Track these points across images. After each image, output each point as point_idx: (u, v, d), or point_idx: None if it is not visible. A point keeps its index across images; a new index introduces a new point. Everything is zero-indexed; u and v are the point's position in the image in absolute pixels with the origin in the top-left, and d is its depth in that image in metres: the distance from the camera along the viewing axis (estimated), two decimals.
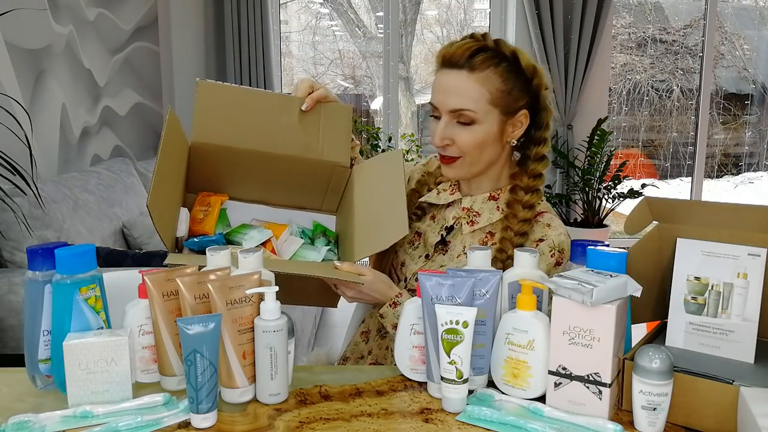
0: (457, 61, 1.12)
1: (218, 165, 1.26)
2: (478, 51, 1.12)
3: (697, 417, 0.83)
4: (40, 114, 2.62)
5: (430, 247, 1.24)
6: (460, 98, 1.12)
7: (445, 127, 1.15)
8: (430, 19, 5.23)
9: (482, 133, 1.14)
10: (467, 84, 1.12)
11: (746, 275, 0.92)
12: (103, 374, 0.88)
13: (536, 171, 1.19)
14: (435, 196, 1.27)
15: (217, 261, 1.01)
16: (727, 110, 5.38)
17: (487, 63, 1.12)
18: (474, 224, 1.20)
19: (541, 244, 1.16)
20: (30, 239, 2.15)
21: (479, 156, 1.16)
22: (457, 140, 1.14)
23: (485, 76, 1.11)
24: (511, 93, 1.13)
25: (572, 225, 4.29)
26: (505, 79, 1.12)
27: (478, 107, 1.12)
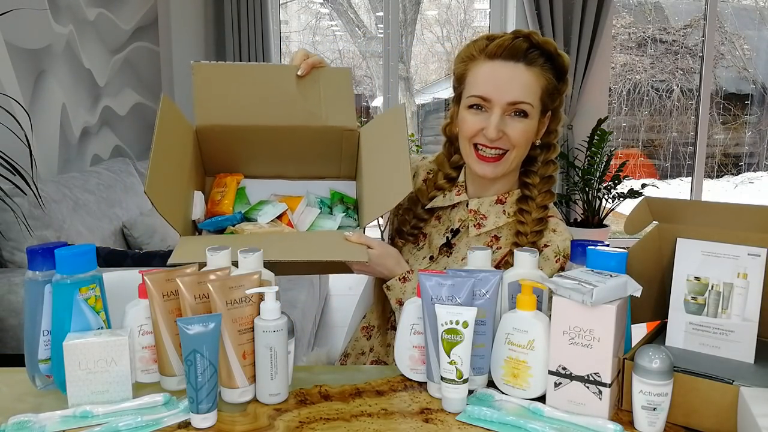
0: (515, 53, 1.11)
1: (228, 145, 1.25)
2: (533, 47, 1.12)
3: (697, 417, 0.83)
4: (40, 114, 2.62)
5: (435, 249, 1.23)
6: (522, 90, 1.12)
7: (500, 121, 1.12)
8: (430, 19, 5.24)
9: (531, 128, 1.15)
10: (527, 77, 1.12)
11: (746, 275, 0.92)
12: (103, 374, 0.88)
13: (547, 173, 1.21)
14: (441, 199, 1.26)
15: (217, 261, 1.01)
16: (727, 110, 5.38)
17: (541, 60, 1.13)
18: (480, 227, 1.20)
19: (546, 249, 1.16)
20: (30, 239, 2.15)
21: (524, 151, 1.17)
22: (510, 133, 1.13)
23: (540, 72, 1.13)
24: (552, 94, 1.16)
25: (572, 225, 4.29)
26: (548, 80, 1.14)
27: (534, 100, 1.13)
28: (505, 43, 1.12)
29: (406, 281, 1.13)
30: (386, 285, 1.15)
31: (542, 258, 1.15)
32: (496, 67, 1.12)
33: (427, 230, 1.27)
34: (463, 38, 5.29)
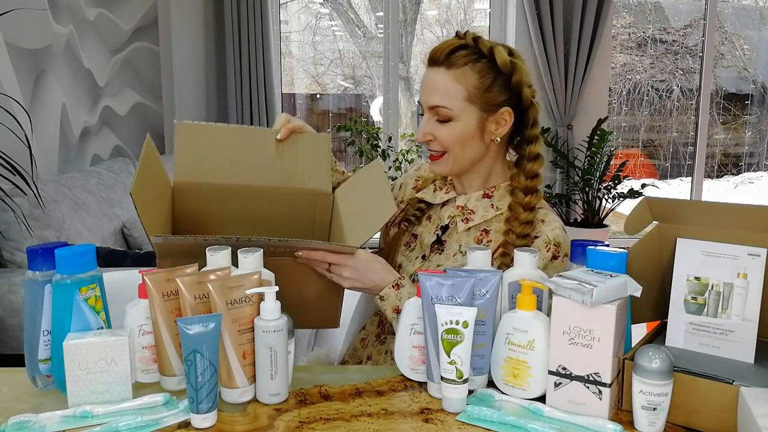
0: (437, 59, 1.14)
1: (203, 204, 1.25)
2: (457, 49, 1.13)
3: (697, 417, 0.83)
4: (40, 114, 2.62)
5: (426, 248, 1.24)
6: (437, 95, 1.14)
7: (426, 124, 1.17)
8: (430, 19, 5.23)
9: (460, 130, 1.15)
10: (444, 81, 1.14)
11: (746, 275, 0.92)
12: (103, 374, 0.88)
13: (533, 171, 1.19)
14: (431, 194, 1.28)
15: (217, 261, 1.01)
16: (727, 110, 5.38)
17: (465, 60, 1.13)
18: (469, 221, 1.21)
19: (537, 240, 1.16)
20: (30, 239, 2.15)
21: (462, 152, 1.17)
22: (437, 136, 1.16)
23: (462, 73, 1.13)
24: (490, 90, 1.14)
25: (572, 225, 4.29)
26: (483, 76, 1.13)
27: (454, 104, 1.13)
28: (433, 50, 1.16)
29: (400, 287, 1.12)
30: (380, 295, 1.12)
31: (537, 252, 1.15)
32: (426, 74, 1.18)
33: (418, 231, 1.28)
34: None
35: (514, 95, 1.15)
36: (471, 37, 1.14)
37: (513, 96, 1.15)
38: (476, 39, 1.14)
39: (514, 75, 1.14)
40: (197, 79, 4.26)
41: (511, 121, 1.17)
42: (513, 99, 1.16)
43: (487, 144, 1.18)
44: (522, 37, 4.31)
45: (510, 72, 1.13)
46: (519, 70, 1.14)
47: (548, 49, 4.20)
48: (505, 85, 1.14)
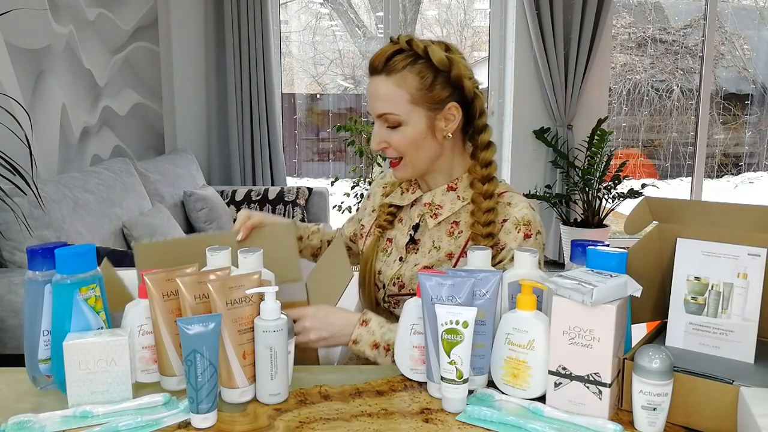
0: (376, 67, 1.16)
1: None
2: (394, 54, 1.15)
3: (697, 417, 0.83)
4: (40, 114, 2.62)
5: (402, 249, 1.27)
6: (383, 103, 1.16)
7: (378, 131, 1.19)
8: (430, 19, 5.23)
9: (411, 133, 1.16)
10: (386, 88, 1.15)
11: (746, 275, 0.92)
12: (103, 374, 0.88)
13: (486, 159, 1.21)
14: (399, 197, 1.30)
15: (217, 261, 1.01)
16: (727, 110, 5.38)
17: (402, 64, 1.14)
18: (437, 216, 1.23)
19: (506, 223, 1.18)
20: (30, 239, 2.15)
21: (417, 154, 1.19)
22: (391, 142, 1.18)
23: (401, 78, 1.14)
24: (432, 89, 1.15)
25: (572, 225, 4.29)
26: (423, 77, 1.14)
27: (400, 109, 1.15)
28: (372, 59, 1.17)
29: (367, 323, 1.12)
30: (352, 339, 1.10)
31: (504, 233, 1.18)
32: (369, 83, 1.19)
33: (392, 235, 1.30)
34: (463, 38, 5.29)
35: (457, 90, 1.17)
36: (404, 40, 1.16)
37: (456, 90, 1.17)
38: (409, 42, 1.15)
39: (453, 70, 1.15)
40: (197, 79, 4.26)
41: (459, 115, 1.18)
42: (457, 93, 1.18)
43: (441, 141, 1.20)
44: (522, 37, 4.31)
45: (448, 68, 1.15)
46: (456, 64, 1.16)
47: (548, 49, 4.20)
48: (446, 82, 1.16)
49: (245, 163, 4.25)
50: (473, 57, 5.23)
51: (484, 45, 4.78)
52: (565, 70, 4.26)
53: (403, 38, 1.16)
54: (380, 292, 1.29)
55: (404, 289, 1.24)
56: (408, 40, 1.15)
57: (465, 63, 1.18)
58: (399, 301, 1.26)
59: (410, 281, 1.23)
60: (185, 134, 4.32)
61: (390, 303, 1.28)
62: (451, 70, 1.15)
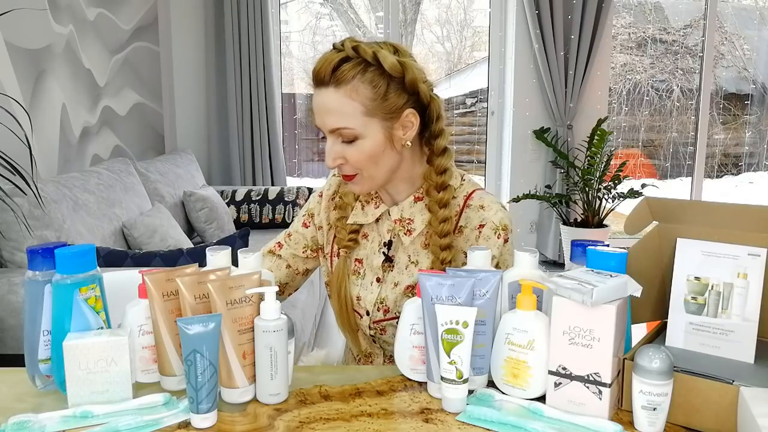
0: (323, 78, 1.07)
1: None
2: (340, 63, 1.06)
3: (697, 417, 0.83)
4: (40, 114, 2.62)
5: (377, 269, 1.20)
6: (335, 117, 1.07)
7: (332, 147, 1.10)
8: (430, 19, 5.23)
9: (369, 146, 1.08)
10: (337, 101, 1.06)
11: (746, 275, 0.92)
12: (103, 374, 0.88)
13: (442, 166, 1.14)
14: (361, 214, 1.21)
15: (217, 261, 1.01)
16: (727, 110, 5.38)
17: (352, 73, 1.06)
18: (411, 233, 1.16)
19: (483, 229, 1.14)
20: (30, 239, 2.15)
21: (375, 168, 1.11)
22: (348, 158, 1.10)
23: (352, 88, 1.06)
24: (386, 97, 1.07)
25: (572, 225, 4.29)
26: (375, 85, 1.06)
27: (355, 123, 1.07)
28: (315, 69, 1.08)
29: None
30: None
31: (483, 239, 1.14)
32: (315, 95, 1.10)
33: (360, 255, 1.22)
34: (463, 38, 5.29)
35: (413, 95, 1.10)
36: (350, 46, 1.06)
37: (411, 96, 1.10)
38: (356, 48, 1.06)
39: (407, 75, 1.07)
40: (197, 79, 4.26)
41: (417, 122, 1.11)
42: (412, 99, 1.10)
43: (400, 150, 1.12)
44: (522, 37, 4.31)
45: (401, 73, 1.07)
46: (409, 68, 1.07)
47: (548, 49, 4.20)
48: (400, 88, 1.08)
49: (245, 163, 4.25)
50: (473, 57, 5.23)
51: (484, 45, 4.78)
52: (565, 70, 4.26)
53: (348, 44, 1.07)
54: (364, 319, 1.21)
55: (389, 313, 1.18)
56: (354, 46, 1.06)
57: (417, 66, 1.10)
58: (385, 327, 1.19)
59: (395, 304, 1.17)
60: (185, 134, 4.32)
61: (376, 330, 1.20)
62: (405, 75, 1.07)
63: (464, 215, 1.16)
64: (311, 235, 1.29)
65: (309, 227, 1.29)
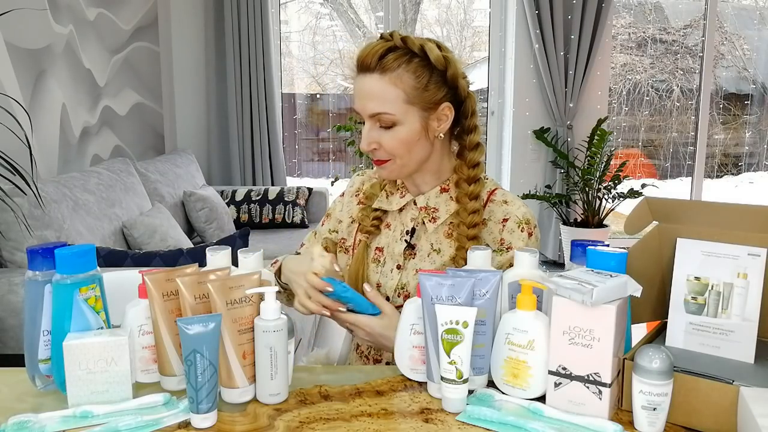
0: (368, 65, 1.11)
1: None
2: (387, 51, 1.10)
3: (697, 417, 0.83)
4: (40, 114, 2.62)
5: (399, 257, 1.22)
6: (376, 102, 1.11)
7: (369, 132, 1.14)
8: (430, 19, 5.23)
9: (405, 133, 1.12)
10: (381, 86, 1.10)
11: (746, 275, 0.92)
12: (103, 374, 0.88)
13: (474, 160, 1.18)
14: (386, 201, 1.25)
15: (217, 261, 1.01)
16: (727, 110, 5.38)
17: (398, 62, 1.10)
18: (436, 220, 1.20)
19: (507, 223, 1.16)
20: (30, 239, 2.15)
21: (409, 156, 1.15)
22: (383, 143, 1.13)
23: (397, 76, 1.10)
24: (427, 88, 1.12)
25: (572, 225, 4.29)
26: (419, 76, 1.11)
27: (395, 109, 1.11)
28: (362, 56, 1.12)
29: None
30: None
31: (508, 233, 1.16)
32: (359, 81, 1.14)
33: (381, 243, 1.25)
34: (463, 38, 5.29)
35: (452, 89, 1.14)
36: (399, 37, 1.11)
37: (450, 90, 1.14)
38: (404, 39, 1.11)
39: (449, 69, 1.12)
40: (197, 79, 4.26)
41: (452, 116, 1.16)
42: (451, 93, 1.14)
43: (432, 141, 1.17)
44: (522, 37, 4.31)
45: (444, 67, 1.12)
46: (453, 63, 1.13)
47: (548, 49, 4.20)
48: (441, 81, 1.13)
49: (245, 163, 4.25)
50: (473, 57, 5.23)
51: (484, 45, 4.78)
52: (565, 70, 4.26)
53: (397, 35, 1.12)
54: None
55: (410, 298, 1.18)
56: (403, 38, 1.11)
57: (459, 61, 1.15)
58: None
59: (415, 290, 1.18)
60: (185, 134, 4.32)
61: None
62: (448, 69, 1.12)
63: (488, 209, 1.20)
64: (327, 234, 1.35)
65: (325, 225, 1.37)
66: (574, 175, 4.21)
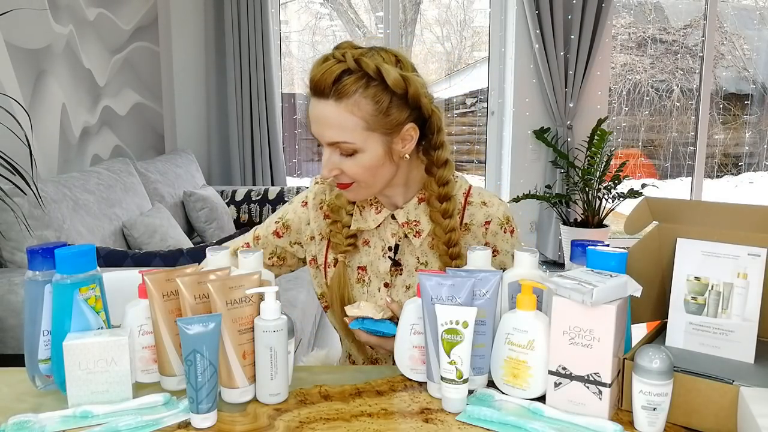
0: (323, 90, 1.03)
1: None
2: (342, 75, 1.02)
3: (697, 417, 0.83)
4: (40, 114, 2.62)
5: (385, 275, 1.18)
6: (334, 131, 1.04)
7: (329, 159, 1.08)
8: (430, 19, 5.23)
9: (368, 160, 1.06)
10: (338, 115, 1.03)
11: (746, 275, 0.92)
12: (103, 374, 0.88)
13: (444, 178, 1.13)
14: (361, 219, 1.19)
15: (217, 261, 1.01)
16: (727, 110, 5.38)
17: (354, 86, 1.02)
18: (420, 234, 1.16)
19: (490, 226, 1.15)
20: (30, 239, 2.15)
21: (374, 179, 1.10)
22: (345, 170, 1.08)
23: (354, 103, 1.03)
24: (388, 113, 1.05)
25: (572, 225, 4.29)
26: (378, 101, 1.03)
27: (355, 137, 1.04)
28: (314, 78, 1.03)
29: None
30: None
31: (491, 235, 1.15)
32: (313, 105, 1.06)
33: (363, 262, 1.20)
34: (463, 38, 5.29)
35: (414, 109, 1.08)
36: (352, 59, 1.02)
37: (413, 110, 1.08)
38: (358, 61, 1.02)
39: (409, 89, 1.04)
40: (197, 79, 4.26)
41: (416, 135, 1.10)
42: (414, 113, 1.08)
43: (398, 162, 1.11)
44: (522, 37, 4.31)
45: (404, 89, 1.04)
46: (412, 82, 1.04)
47: (548, 49, 4.20)
48: (402, 103, 1.06)
49: (245, 163, 4.25)
50: (473, 57, 5.23)
51: (484, 45, 4.78)
52: (565, 70, 4.26)
53: (350, 55, 1.02)
54: None
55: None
56: (356, 59, 1.02)
57: (420, 79, 1.07)
58: None
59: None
60: (185, 134, 4.32)
61: None
62: (408, 90, 1.04)
63: (467, 212, 1.17)
64: (282, 245, 1.27)
65: (282, 237, 1.26)
66: (574, 175, 4.21)
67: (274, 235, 1.27)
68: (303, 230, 1.25)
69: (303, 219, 1.25)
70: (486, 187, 4.75)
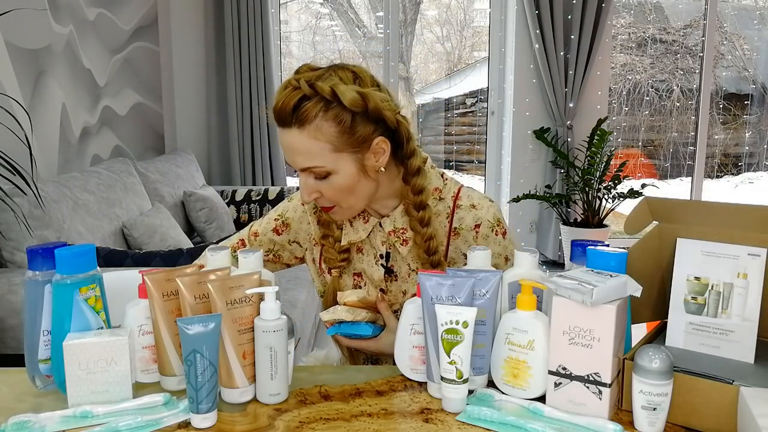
0: (284, 119, 1.04)
1: None
2: (300, 102, 1.03)
3: (697, 417, 0.83)
4: (40, 114, 2.62)
5: (380, 281, 1.20)
6: (303, 157, 1.06)
7: (306, 183, 1.09)
8: (430, 19, 5.23)
9: (342, 180, 1.07)
10: (303, 141, 1.04)
11: (746, 275, 0.92)
12: (103, 374, 0.88)
13: (419, 186, 1.13)
14: (352, 232, 1.20)
15: (217, 261, 1.01)
16: (727, 110, 5.38)
17: (314, 111, 1.02)
18: (407, 242, 1.17)
19: (480, 229, 1.15)
20: (30, 239, 2.15)
21: (354, 197, 1.11)
22: (323, 192, 1.09)
23: (316, 128, 1.03)
24: (353, 131, 1.05)
25: (572, 225, 4.29)
26: (340, 121, 1.03)
27: (324, 161, 1.05)
28: (276, 108, 1.05)
29: None
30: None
31: (483, 239, 1.15)
32: (281, 134, 1.08)
33: (358, 269, 1.22)
34: (463, 38, 5.29)
35: (379, 123, 1.07)
36: (306, 85, 1.02)
37: (378, 124, 1.07)
38: (312, 85, 1.02)
39: (369, 104, 1.04)
40: (197, 79, 4.26)
41: (388, 147, 1.09)
42: (380, 126, 1.07)
43: (375, 177, 1.11)
44: (522, 37, 4.31)
45: (363, 106, 1.04)
46: (370, 98, 1.04)
47: (548, 49, 4.20)
48: (365, 119, 1.05)
49: (245, 163, 4.25)
50: (473, 57, 5.23)
51: (484, 45, 4.78)
52: (565, 70, 4.26)
53: (304, 81, 1.02)
54: None
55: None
56: (310, 83, 1.02)
57: (380, 94, 1.06)
58: None
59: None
60: (185, 134, 4.32)
61: None
62: (368, 105, 1.04)
63: (456, 216, 1.17)
64: (281, 243, 1.27)
65: (281, 235, 1.27)
66: (574, 175, 4.21)
67: (274, 232, 1.27)
68: (303, 229, 1.26)
69: (303, 218, 1.26)
70: (486, 187, 4.76)
